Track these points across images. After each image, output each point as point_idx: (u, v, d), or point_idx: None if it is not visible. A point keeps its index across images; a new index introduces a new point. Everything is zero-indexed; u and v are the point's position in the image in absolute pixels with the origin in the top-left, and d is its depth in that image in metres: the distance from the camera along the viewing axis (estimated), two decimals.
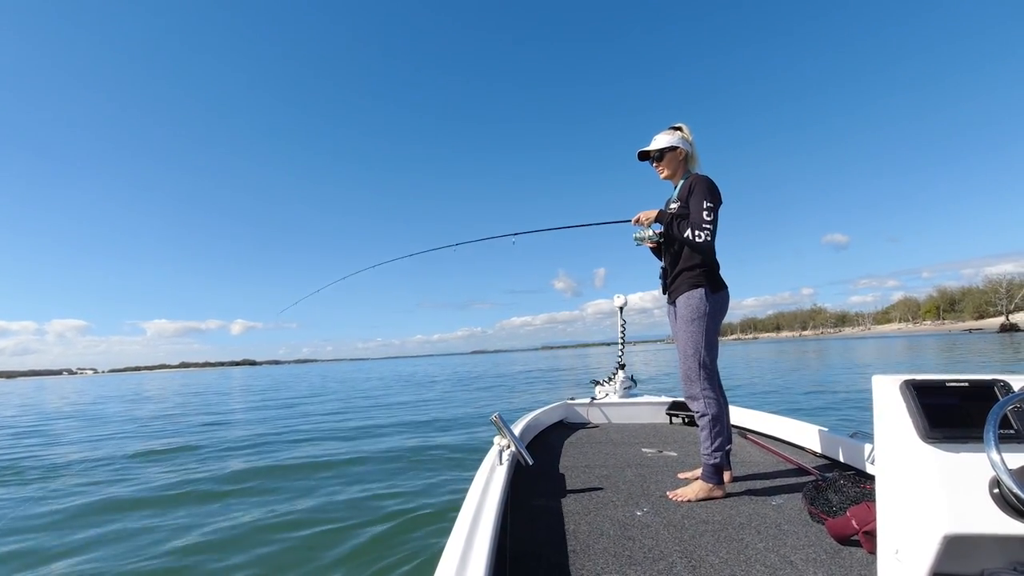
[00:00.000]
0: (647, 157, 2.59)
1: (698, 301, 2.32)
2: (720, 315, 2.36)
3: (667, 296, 2.57)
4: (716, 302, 2.34)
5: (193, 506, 4.36)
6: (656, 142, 2.54)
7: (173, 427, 10.26)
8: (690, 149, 2.52)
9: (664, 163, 2.54)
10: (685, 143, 2.51)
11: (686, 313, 2.34)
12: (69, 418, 13.52)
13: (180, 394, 23.51)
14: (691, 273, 2.36)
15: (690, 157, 2.53)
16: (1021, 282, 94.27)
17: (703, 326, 2.31)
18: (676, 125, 2.56)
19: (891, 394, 1.28)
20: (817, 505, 1.94)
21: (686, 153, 2.51)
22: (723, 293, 2.38)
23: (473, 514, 1.60)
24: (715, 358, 2.35)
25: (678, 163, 2.52)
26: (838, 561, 1.60)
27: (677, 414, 4.03)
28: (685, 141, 2.51)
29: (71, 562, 3.27)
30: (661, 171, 2.56)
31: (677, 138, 2.50)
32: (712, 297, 2.33)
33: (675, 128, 2.55)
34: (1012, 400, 1.14)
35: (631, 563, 1.62)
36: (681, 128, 2.54)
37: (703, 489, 2.22)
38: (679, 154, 2.50)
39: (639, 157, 2.61)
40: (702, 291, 2.32)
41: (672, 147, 2.50)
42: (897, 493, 1.24)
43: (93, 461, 6.67)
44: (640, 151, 2.59)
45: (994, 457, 1.05)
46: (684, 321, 2.35)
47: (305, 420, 10.42)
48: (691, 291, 2.34)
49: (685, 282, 2.37)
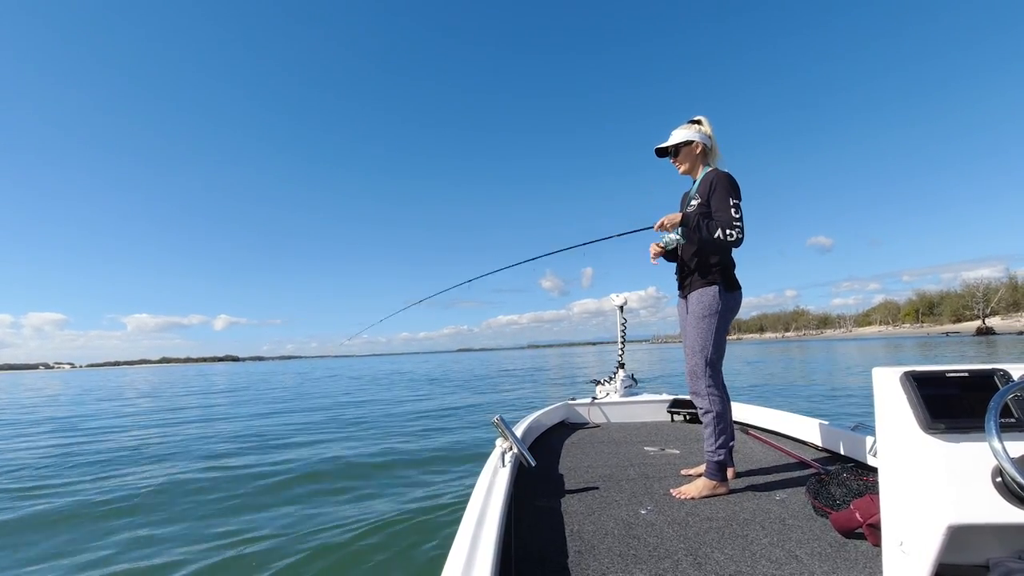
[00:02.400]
0: (665, 153, 2.56)
1: (711, 298, 2.31)
2: (731, 314, 2.36)
3: (680, 291, 2.55)
4: (729, 301, 2.34)
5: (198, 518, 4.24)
6: (672, 137, 2.51)
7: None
8: (708, 143, 2.47)
9: (680, 158, 2.51)
10: (703, 136, 2.46)
11: (698, 309, 2.34)
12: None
13: (126, 389, 21.79)
14: (707, 270, 2.36)
15: (709, 151, 2.48)
16: (997, 287, 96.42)
17: (714, 324, 2.30)
18: (696, 119, 2.52)
19: (892, 386, 1.28)
20: (821, 499, 1.95)
21: (703, 147, 2.46)
22: (737, 293, 2.38)
23: (477, 517, 1.59)
24: (722, 357, 2.36)
25: (695, 157, 2.48)
26: (843, 554, 1.60)
27: (678, 412, 4.03)
28: (703, 135, 2.46)
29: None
30: (679, 166, 2.53)
31: (693, 132, 2.46)
32: (726, 295, 2.32)
33: (694, 121, 2.51)
34: (1012, 389, 1.15)
35: (636, 562, 1.62)
36: (700, 121, 2.50)
37: (706, 486, 2.22)
38: (695, 148, 2.46)
39: (657, 154, 2.57)
40: (716, 289, 2.32)
41: (687, 141, 2.46)
42: (900, 485, 1.25)
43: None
44: (657, 148, 2.55)
45: (996, 446, 1.05)
46: (695, 317, 2.34)
47: (281, 422, 10.30)
48: (705, 288, 2.34)
49: (701, 279, 2.36)
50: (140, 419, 11.11)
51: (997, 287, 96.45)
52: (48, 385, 36.00)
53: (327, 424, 9.04)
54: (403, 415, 9.94)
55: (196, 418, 10.90)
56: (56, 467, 6.12)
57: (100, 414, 12.62)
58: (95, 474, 5.65)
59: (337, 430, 8.27)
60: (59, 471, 5.89)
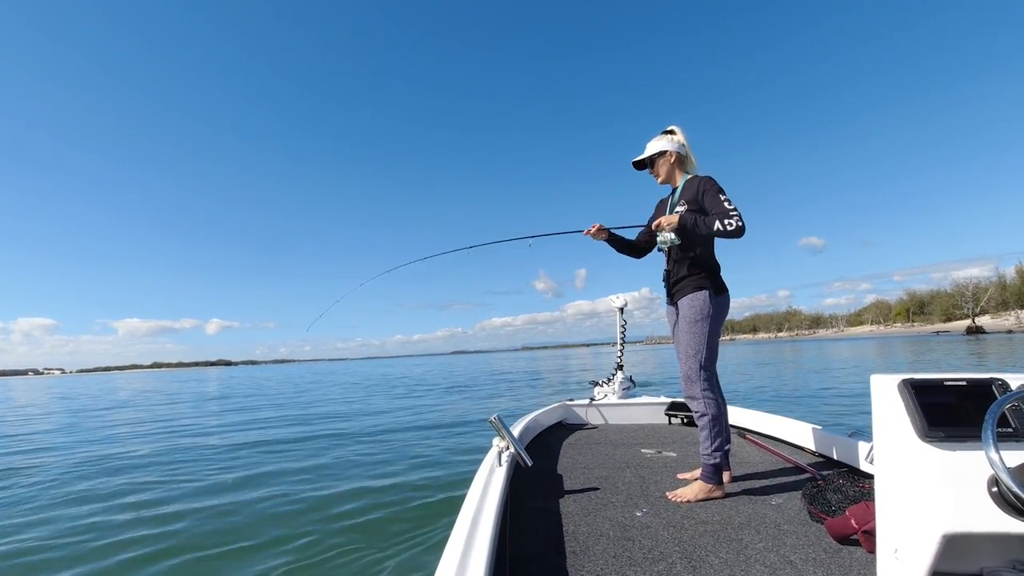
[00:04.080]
0: (643, 166, 2.64)
1: (702, 303, 2.33)
2: (722, 317, 2.38)
3: (668, 297, 2.58)
4: (719, 304, 2.36)
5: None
6: (647, 150, 2.58)
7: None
8: (682, 151, 2.52)
9: (656, 168, 2.57)
10: (676, 146, 2.51)
11: (689, 314, 2.35)
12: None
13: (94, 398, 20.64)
14: (696, 275, 2.38)
15: (683, 159, 2.54)
16: (986, 286, 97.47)
17: (706, 328, 2.32)
18: (669, 128, 2.58)
19: (889, 393, 1.28)
20: (816, 505, 1.95)
21: (677, 155, 2.51)
22: (725, 296, 2.41)
23: (472, 516, 1.59)
24: (715, 360, 2.37)
25: (670, 166, 2.53)
26: (837, 561, 1.60)
27: (676, 415, 4.02)
28: (676, 144, 2.52)
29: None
30: (656, 177, 2.60)
31: (666, 142, 2.52)
32: (716, 299, 2.35)
33: (667, 132, 2.57)
34: (1010, 399, 1.14)
35: (631, 564, 1.61)
36: (674, 131, 2.56)
37: (702, 489, 2.22)
38: (670, 157, 2.52)
39: (635, 167, 2.65)
40: (706, 293, 2.34)
41: (660, 152, 2.52)
42: (896, 492, 1.25)
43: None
44: (634, 161, 2.63)
45: (992, 456, 1.05)
46: (687, 322, 2.36)
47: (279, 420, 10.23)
48: (695, 293, 2.35)
49: (690, 284, 2.38)
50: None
51: (986, 287, 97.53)
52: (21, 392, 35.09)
53: (326, 424, 9.01)
54: (402, 416, 9.91)
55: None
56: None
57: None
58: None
59: (335, 430, 8.21)
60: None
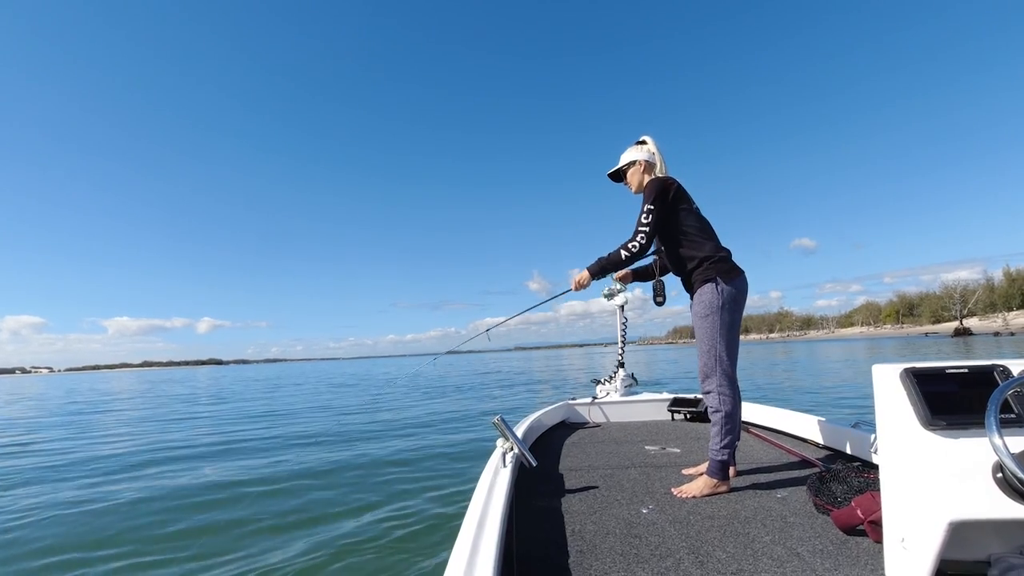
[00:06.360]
0: (618, 178, 2.65)
1: (709, 296, 2.29)
2: (735, 304, 2.31)
3: (687, 291, 2.54)
4: (729, 292, 2.29)
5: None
6: (619, 161, 2.60)
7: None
8: (652, 159, 2.52)
9: (627, 179, 2.59)
10: (646, 154, 2.52)
11: (699, 310, 2.33)
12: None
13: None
14: (699, 269, 2.35)
15: (652, 167, 2.53)
16: (975, 288, 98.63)
17: (716, 321, 2.27)
18: (641, 139, 2.59)
19: (892, 383, 1.28)
20: (822, 496, 1.94)
21: (646, 163, 2.52)
22: (739, 279, 2.33)
23: (479, 517, 1.57)
24: (734, 353, 2.31)
25: (641, 176, 2.54)
26: (845, 551, 1.59)
27: (679, 411, 4.00)
28: (647, 152, 2.53)
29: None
30: (629, 187, 2.60)
31: (635, 152, 2.54)
32: (725, 288, 2.28)
33: (639, 142, 2.58)
34: (1012, 384, 1.14)
35: (638, 561, 1.59)
36: (645, 141, 2.57)
37: (708, 485, 2.20)
38: (639, 167, 2.53)
39: (611, 179, 2.67)
40: (712, 285, 2.29)
41: (631, 162, 2.55)
42: (901, 481, 1.25)
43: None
44: (608, 174, 2.66)
45: (996, 442, 1.05)
46: (697, 317, 2.34)
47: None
48: (702, 287, 2.32)
49: (697, 278, 2.36)
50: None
51: (975, 289, 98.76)
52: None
53: (329, 426, 8.98)
54: (400, 416, 9.91)
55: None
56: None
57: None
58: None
59: (339, 432, 8.20)
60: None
